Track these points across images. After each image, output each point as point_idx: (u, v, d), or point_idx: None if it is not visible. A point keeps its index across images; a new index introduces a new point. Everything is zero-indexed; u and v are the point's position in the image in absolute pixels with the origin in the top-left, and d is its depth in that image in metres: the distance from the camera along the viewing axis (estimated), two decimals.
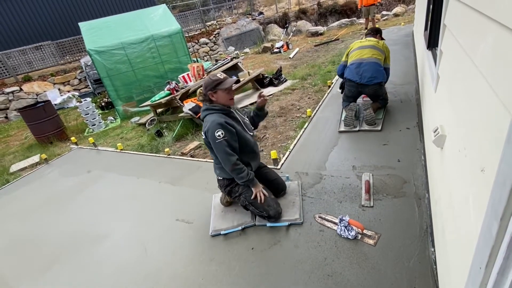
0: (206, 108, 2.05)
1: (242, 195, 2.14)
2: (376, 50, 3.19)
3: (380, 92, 3.23)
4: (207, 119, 2.01)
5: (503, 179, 0.64)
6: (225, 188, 2.21)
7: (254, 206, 2.11)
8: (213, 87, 1.99)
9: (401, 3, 12.30)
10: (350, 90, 3.29)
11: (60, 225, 2.75)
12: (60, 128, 5.61)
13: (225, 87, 2.00)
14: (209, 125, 1.94)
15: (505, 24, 0.73)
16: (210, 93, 2.01)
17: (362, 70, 3.12)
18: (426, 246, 1.72)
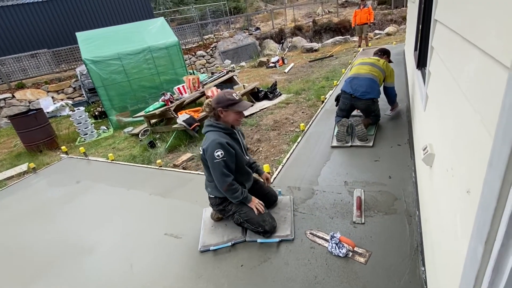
0: (210, 124, 1.99)
1: (236, 213, 2.11)
2: (374, 68, 3.28)
3: (372, 108, 3.29)
4: (208, 136, 1.96)
5: (486, 203, 0.65)
6: (217, 206, 2.17)
7: (250, 223, 2.08)
8: (226, 105, 1.93)
9: (393, 23, 12.75)
10: (344, 102, 3.37)
11: (43, 237, 2.66)
12: (51, 136, 5.53)
13: (238, 110, 1.96)
14: (210, 143, 1.89)
15: (486, 51, 0.75)
16: (220, 110, 1.94)
17: (356, 84, 3.21)
18: (417, 265, 1.70)
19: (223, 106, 1.93)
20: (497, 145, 0.60)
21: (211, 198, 2.19)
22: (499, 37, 0.65)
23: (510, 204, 0.57)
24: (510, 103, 0.55)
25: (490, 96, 0.71)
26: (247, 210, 2.09)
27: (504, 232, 0.59)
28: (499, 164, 0.59)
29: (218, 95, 1.98)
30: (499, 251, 0.61)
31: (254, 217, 2.06)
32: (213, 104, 1.97)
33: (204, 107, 2.03)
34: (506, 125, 0.56)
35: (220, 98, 1.95)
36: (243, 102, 2.00)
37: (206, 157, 1.92)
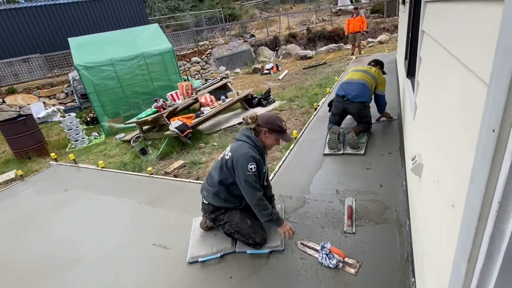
0: (249, 136, 1.94)
1: (227, 224, 2.07)
2: (367, 74, 3.39)
3: (364, 112, 3.31)
4: (242, 147, 1.89)
5: (468, 220, 0.63)
6: (209, 213, 2.12)
7: (240, 234, 2.04)
8: (273, 129, 1.94)
9: (385, 32, 12.98)
10: (336, 106, 3.41)
11: (27, 248, 2.57)
12: (41, 143, 5.43)
13: (281, 139, 2.00)
14: (243, 155, 1.85)
15: (468, 66, 0.75)
16: (265, 130, 1.94)
17: (348, 88, 3.30)
18: (407, 275, 1.68)
19: (270, 129, 1.94)
20: (478, 160, 0.60)
21: (204, 204, 2.13)
22: (479, 52, 0.65)
23: (492, 222, 0.56)
24: (490, 119, 0.54)
25: (471, 110, 0.70)
26: (238, 221, 2.05)
27: (486, 251, 0.58)
28: (480, 180, 0.58)
29: (270, 116, 1.99)
30: (481, 270, 0.60)
31: (246, 229, 2.03)
32: (260, 121, 1.95)
33: (247, 118, 1.96)
34: (486, 141, 0.56)
35: (271, 120, 1.95)
36: (287, 134, 2.03)
37: (235, 166, 1.87)
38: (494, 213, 0.54)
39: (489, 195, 0.55)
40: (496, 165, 0.52)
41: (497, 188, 0.52)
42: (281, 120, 1.98)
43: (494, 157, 0.52)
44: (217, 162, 2.09)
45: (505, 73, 0.47)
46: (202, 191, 2.15)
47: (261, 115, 1.99)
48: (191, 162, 3.92)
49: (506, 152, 0.49)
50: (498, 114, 0.49)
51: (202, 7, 20.21)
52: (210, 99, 5.46)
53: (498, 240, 0.56)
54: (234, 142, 2.00)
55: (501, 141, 0.50)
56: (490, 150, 0.52)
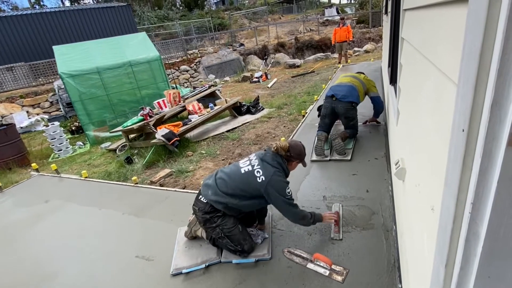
0: (281, 164, 2.00)
1: (219, 227, 1.97)
2: (355, 79, 3.51)
3: (351, 113, 3.36)
4: (276, 175, 1.92)
5: (444, 223, 0.62)
6: (204, 213, 1.97)
7: (230, 239, 1.96)
8: (302, 157, 2.09)
9: (371, 41, 13.35)
10: (325, 106, 3.46)
11: (4, 261, 2.44)
12: (22, 153, 5.25)
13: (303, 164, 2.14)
14: (279, 182, 1.92)
15: (441, 69, 0.76)
16: (297, 162, 2.10)
17: (337, 90, 3.40)
18: (394, 282, 1.67)
19: (299, 158, 2.09)
20: (450, 162, 0.59)
21: (201, 202, 1.99)
22: (449, 54, 0.65)
23: (466, 225, 0.55)
24: (459, 120, 0.53)
25: (445, 112, 0.70)
26: (231, 226, 1.97)
27: (462, 255, 0.57)
28: (453, 182, 0.57)
29: (301, 149, 2.10)
30: (459, 274, 0.59)
31: (237, 234, 1.97)
32: (292, 152, 2.04)
33: (278, 147, 2.03)
34: (456, 141, 0.55)
35: (302, 152, 2.10)
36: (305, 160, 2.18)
37: (271, 191, 1.90)
38: (468, 214, 0.53)
39: (462, 196, 0.54)
40: (467, 166, 0.51)
41: (469, 188, 0.51)
42: (305, 148, 2.15)
43: (465, 158, 0.51)
44: (237, 172, 1.99)
45: (471, 72, 0.46)
46: (206, 189, 2.00)
47: (293, 147, 2.06)
48: (178, 171, 3.85)
49: (475, 152, 0.48)
50: (467, 113, 0.49)
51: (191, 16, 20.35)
52: (198, 106, 5.43)
53: (474, 244, 0.55)
54: (263, 162, 1.98)
55: (471, 141, 0.49)
56: (461, 150, 0.52)
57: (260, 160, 1.98)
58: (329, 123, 3.47)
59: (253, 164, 1.97)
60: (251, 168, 1.95)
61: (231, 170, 2.04)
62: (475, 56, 0.46)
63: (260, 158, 2.00)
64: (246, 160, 2.07)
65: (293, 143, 2.10)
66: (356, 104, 3.38)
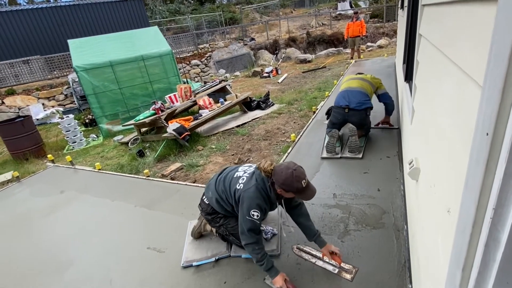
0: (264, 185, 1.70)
1: (222, 226, 2.02)
2: (364, 82, 3.35)
3: (365, 121, 3.28)
4: (253, 191, 1.68)
5: (463, 227, 0.61)
6: (206, 214, 2.02)
7: (235, 237, 1.98)
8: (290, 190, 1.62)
9: (385, 36, 13.04)
10: (336, 116, 3.32)
11: (22, 250, 2.54)
12: (38, 144, 5.41)
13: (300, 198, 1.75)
14: (250, 199, 1.68)
15: (462, 68, 0.74)
16: (280, 190, 1.64)
17: (349, 96, 3.22)
18: (404, 282, 1.65)
19: (286, 190, 1.63)
20: (472, 165, 0.58)
21: (204, 203, 2.02)
22: (472, 54, 0.63)
23: (486, 230, 0.54)
24: (484, 123, 0.52)
25: (466, 114, 0.68)
26: (234, 225, 1.98)
27: (480, 260, 0.56)
28: (474, 186, 0.56)
29: (287, 176, 1.59)
30: (476, 279, 0.58)
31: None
32: (275, 178, 1.64)
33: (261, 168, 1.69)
34: (479, 145, 0.54)
35: (288, 181, 1.59)
36: (309, 191, 1.67)
37: (240, 203, 1.71)
38: (488, 220, 0.52)
39: (483, 201, 0.53)
40: (490, 170, 0.50)
41: (492, 194, 0.50)
42: (300, 179, 1.60)
43: (488, 162, 0.50)
44: (230, 176, 1.89)
45: (499, 75, 0.45)
46: (207, 190, 2.01)
47: (277, 171, 1.64)
48: (189, 165, 3.90)
49: (500, 157, 0.47)
50: (492, 117, 0.47)
51: (203, 10, 20.32)
52: (209, 101, 5.46)
53: (493, 249, 0.54)
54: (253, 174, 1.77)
55: (495, 145, 0.48)
56: (484, 154, 0.50)
57: (255, 170, 1.81)
58: (339, 128, 3.39)
59: (246, 171, 1.86)
60: (242, 174, 1.84)
61: (230, 172, 1.95)
62: (504, 58, 0.44)
63: (255, 169, 1.82)
64: (247, 165, 1.96)
65: (279, 168, 1.64)
66: (371, 109, 3.27)
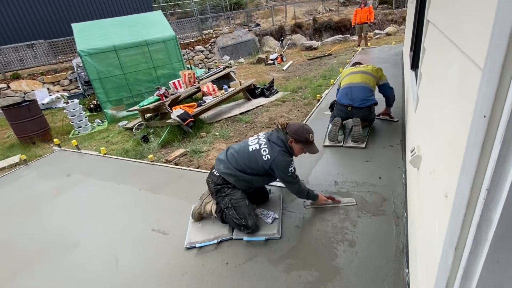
0: (284, 142, 2.07)
1: (228, 196, 2.10)
2: (366, 75, 3.24)
3: (370, 117, 3.24)
4: (280, 154, 2.03)
5: (457, 208, 0.63)
6: (215, 185, 2.15)
7: (236, 211, 2.05)
8: (299, 141, 2.06)
9: (393, 23, 12.71)
10: (339, 113, 3.25)
11: (30, 230, 2.63)
12: (45, 128, 5.48)
13: (306, 151, 2.11)
14: (283, 162, 2.02)
15: (465, 52, 0.73)
16: (291, 140, 2.07)
17: (352, 94, 3.14)
18: (401, 266, 1.70)
19: (296, 139, 2.06)
20: (469, 148, 0.59)
21: (214, 176, 2.17)
22: (475, 37, 0.63)
23: (479, 210, 0.55)
24: (482, 105, 0.53)
25: (467, 98, 0.69)
26: (238, 198, 2.09)
27: (472, 239, 0.58)
28: (470, 168, 0.57)
29: (298, 127, 2.09)
30: (468, 258, 0.60)
31: (243, 207, 2.06)
32: (288, 129, 2.08)
33: (277, 124, 2.14)
34: (477, 127, 0.55)
35: (298, 131, 2.06)
36: (314, 146, 2.12)
37: (275, 169, 2.04)
38: (482, 200, 0.53)
39: (478, 182, 0.55)
40: (486, 152, 0.51)
41: (486, 175, 0.52)
42: (309, 132, 2.07)
43: (484, 144, 0.51)
44: (245, 149, 2.14)
45: (499, 54, 0.45)
46: (218, 164, 2.18)
47: (291, 124, 2.10)
48: (192, 151, 3.94)
49: (496, 138, 0.48)
50: (490, 99, 0.48)
51: None
52: (213, 88, 5.44)
53: (485, 229, 0.56)
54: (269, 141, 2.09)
55: (492, 127, 0.49)
56: (481, 136, 0.51)
57: (267, 139, 2.11)
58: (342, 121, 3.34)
59: (260, 143, 2.12)
60: (258, 146, 2.11)
61: (240, 147, 2.21)
62: (505, 36, 0.44)
63: (267, 138, 2.13)
64: (255, 138, 2.20)
65: (292, 123, 2.12)
66: (375, 105, 3.21)
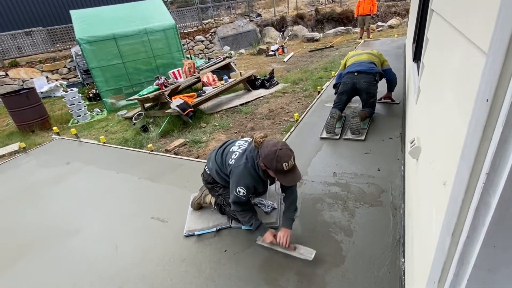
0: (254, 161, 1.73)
1: (221, 195, 2.09)
2: (371, 55, 3.47)
3: (373, 88, 3.26)
4: (243, 168, 1.73)
5: (456, 194, 0.63)
6: (207, 183, 2.13)
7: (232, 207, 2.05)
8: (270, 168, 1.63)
9: (396, 16, 12.53)
10: (345, 82, 3.30)
11: (30, 217, 2.65)
12: (44, 117, 5.45)
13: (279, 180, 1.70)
14: (239, 175, 1.74)
15: (471, 39, 0.72)
16: (263, 166, 1.67)
17: (360, 65, 3.32)
18: (397, 256, 1.72)
19: (266, 166, 1.65)
20: (470, 132, 0.58)
21: (206, 173, 2.11)
22: (481, 23, 0.62)
23: (478, 195, 0.55)
24: (485, 89, 0.52)
25: (470, 84, 0.68)
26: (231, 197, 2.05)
27: (470, 224, 0.58)
28: (470, 153, 0.57)
29: (269, 152, 1.60)
30: (465, 243, 0.61)
31: None
32: (260, 152, 1.67)
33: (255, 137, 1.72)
34: (479, 111, 0.54)
35: (268, 158, 1.60)
36: (290, 176, 1.64)
37: (230, 177, 1.82)
38: (481, 185, 0.54)
39: (477, 167, 0.55)
40: (487, 136, 0.51)
41: (486, 159, 0.52)
42: (282, 160, 1.57)
43: (486, 128, 0.51)
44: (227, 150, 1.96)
45: (504, 37, 0.45)
46: (208, 161, 2.11)
47: (263, 145, 1.65)
48: (192, 141, 3.93)
49: (497, 121, 0.48)
50: (493, 82, 0.48)
51: None
52: (213, 78, 5.40)
53: (483, 213, 0.56)
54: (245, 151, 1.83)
55: (494, 110, 0.48)
56: (483, 120, 0.51)
57: (248, 146, 1.87)
58: (346, 100, 3.38)
59: (240, 147, 1.92)
60: (236, 149, 1.91)
61: (229, 145, 2.02)
62: (510, 20, 0.44)
63: (248, 144, 1.87)
64: (245, 140, 2.01)
65: (266, 143, 1.65)
66: (379, 77, 3.32)
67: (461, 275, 0.64)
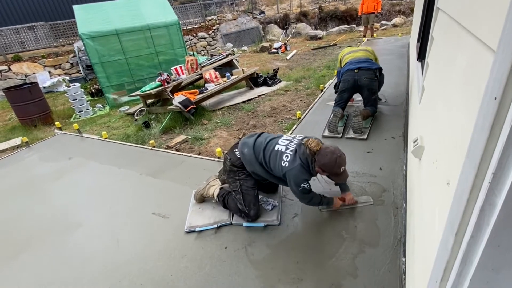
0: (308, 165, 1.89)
1: (240, 181, 2.08)
2: (368, 53, 3.46)
3: (374, 85, 3.23)
4: (298, 169, 1.86)
5: (460, 194, 0.63)
6: (233, 166, 2.09)
7: (243, 197, 2.05)
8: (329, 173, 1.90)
9: (400, 14, 12.44)
10: (346, 80, 3.27)
11: (32, 211, 2.66)
12: (46, 111, 5.47)
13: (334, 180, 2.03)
14: (298, 176, 1.88)
15: (478, 37, 0.71)
16: (319, 170, 1.88)
17: (359, 62, 3.28)
18: (398, 255, 1.72)
19: (323, 171, 1.89)
20: (476, 131, 0.58)
21: (235, 156, 2.09)
22: (489, 21, 0.61)
23: (483, 195, 0.55)
24: (493, 87, 0.52)
25: (476, 83, 0.67)
26: (250, 186, 2.08)
27: (474, 224, 0.58)
28: (476, 152, 0.57)
29: (330, 160, 1.83)
30: (468, 242, 0.60)
31: (250, 195, 2.06)
32: (317, 160, 1.85)
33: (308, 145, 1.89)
34: (486, 110, 0.54)
35: (329, 165, 1.84)
36: (343, 175, 1.95)
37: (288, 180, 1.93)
38: (487, 184, 0.53)
39: (483, 166, 0.54)
40: (494, 135, 0.50)
41: (493, 158, 0.51)
42: (341, 166, 1.85)
43: (493, 126, 0.50)
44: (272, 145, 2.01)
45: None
46: (243, 146, 2.08)
47: (322, 153, 1.84)
48: (193, 138, 3.93)
49: (505, 120, 0.47)
50: (502, 80, 0.47)
51: None
52: (215, 75, 5.39)
53: (488, 213, 0.55)
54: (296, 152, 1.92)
55: (502, 109, 0.48)
56: (490, 119, 0.51)
57: (297, 147, 1.95)
58: (347, 98, 3.36)
59: (288, 147, 1.96)
60: (284, 149, 1.95)
61: (270, 140, 2.07)
62: None
63: (297, 146, 1.96)
64: (287, 139, 2.04)
65: (324, 151, 1.85)
66: (379, 73, 3.30)
67: (464, 274, 0.63)
